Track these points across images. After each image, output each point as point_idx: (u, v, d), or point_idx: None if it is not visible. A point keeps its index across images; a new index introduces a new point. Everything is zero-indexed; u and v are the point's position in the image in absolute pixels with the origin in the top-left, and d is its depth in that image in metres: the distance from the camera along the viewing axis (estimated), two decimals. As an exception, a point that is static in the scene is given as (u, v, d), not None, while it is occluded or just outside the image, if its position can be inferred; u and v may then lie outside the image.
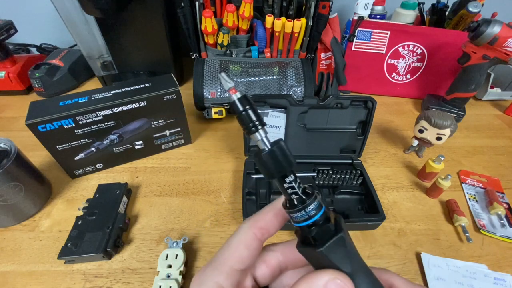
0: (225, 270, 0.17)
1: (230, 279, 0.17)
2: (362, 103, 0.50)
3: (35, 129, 0.43)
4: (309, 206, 0.16)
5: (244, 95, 0.16)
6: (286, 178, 0.16)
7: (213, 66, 0.63)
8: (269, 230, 0.19)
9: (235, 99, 0.16)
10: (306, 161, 0.54)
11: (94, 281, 0.38)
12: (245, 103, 0.16)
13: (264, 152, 0.16)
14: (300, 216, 0.16)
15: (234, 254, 0.18)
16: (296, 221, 0.17)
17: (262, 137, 0.16)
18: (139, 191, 0.50)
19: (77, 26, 0.64)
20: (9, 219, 0.44)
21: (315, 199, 0.17)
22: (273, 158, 0.16)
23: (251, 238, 0.18)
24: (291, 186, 0.17)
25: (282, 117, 0.52)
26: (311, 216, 0.16)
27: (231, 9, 0.59)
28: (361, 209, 0.48)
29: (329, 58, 0.73)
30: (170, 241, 0.40)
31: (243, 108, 0.16)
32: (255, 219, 0.19)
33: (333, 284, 0.15)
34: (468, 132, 0.67)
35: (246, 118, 0.16)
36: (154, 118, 0.52)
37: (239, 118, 0.16)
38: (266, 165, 0.16)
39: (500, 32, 0.53)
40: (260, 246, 0.19)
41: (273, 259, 0.20)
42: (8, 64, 0.72)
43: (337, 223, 0.17)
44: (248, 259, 0.18)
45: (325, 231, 0.16)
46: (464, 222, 0.44)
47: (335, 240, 0.15)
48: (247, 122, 0.16)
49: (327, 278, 0.15)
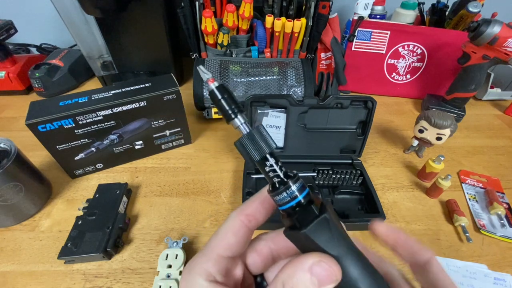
0: (213, 257, 0.18)
1: (217, 265, 0.17)
2: (362, 103, 0.50)
3: (35, 129, 0.43)
4: (291, 187, 0.17)
5: (222, 84, 0.17)
6: (267, 161, 0.17)
7: (213, 66, 0.63)
8: (256, 216, 0.19)
9: (213, 87, 0.17)
10: (306, 161, 0.54)
11: (94, 281, 0.38)
12: (223, 91, 0.17)
13: (244, 134, 0.17)
14: (283, 198, 0.17)
15: (222, 241, 0.18)
16: (280, 204, 0.17)
17: (242, 122, 0.17)
18: (139, 191, 0.50)
19: (77, 26, 0.64)
20: (9, 219, 0.44)
21: (297, 181, 0.17)
22: (252, 140, 0.16)
23: (238, 225, 0.19)
24: (272, 169, 0.17)
25: (282, 117, 0.52)
26: (293, 198, 0.16)
27: (231, 9, 0.59)
28: (361, 209, 0.48)
29: (329, 58, 0.73)
30: (170, 241, 0.40)
31: (221, 96, 0.17)
32: (242, 207, 0.19)
33: (318, 267, 0.15)
34: (468, 132, 0.67)
35: (224, 105, 0.17)
36: (154, 118, 0.52)
37: (218, 105, 0.17)
38: (247, 148, 0.17)
39: (500, 32, 0.53)
40: (248, 233, 0.19)
41: (264, 248, 0.20)
42: (8, 64, 0.72)
43: (322, 205, 0.17)
44: (235, 246, 0.18)
45: (309, 213, 0.16)
46: (464, 222, 0.44)
47: (319, 221, 0.15)
48: (225, 109, 0.17)
49: (312, 261, 0.15)
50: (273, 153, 0.17)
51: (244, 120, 0.17)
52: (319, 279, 0.15)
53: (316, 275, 0.15)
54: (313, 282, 0.14)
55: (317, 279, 0.15)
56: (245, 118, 0.17)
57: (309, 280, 0.15)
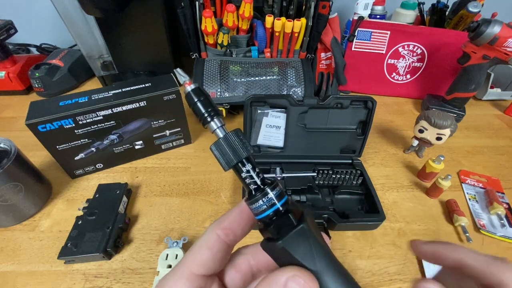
0: (185, 275, 0.16)
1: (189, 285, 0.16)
2: (362, 103, 0.50)
3: (35, 129, 0.43)
4: (269, 194, 0.16)
5: (198, 87, 0.17)
6: (244, 167, 0.16)
7: (213, 66, 0.63)
8: (233, 230, 0.18)
9: (189, 90, 0.16)
10: (306, 161, 0.54)
11: (94, 281, 0.38)
12: (199, 94, 0.16)
13: (220, 138, 0.16)
14: (260, 206, 0.16)
15: (196, 257, 0.17)
16: (257, 213, 0.16)
17: (218, 126, 0.16)
18: (139, 191, 0.50)
19: (77, 26, 0.64)
20: (9, 219, 0.44)
21: (275, 188, 0.16)
22: (228, 144, 0.16)
23: (214, 239, 0.17)
24: (249, 174, 0.16)
25: (282, 117, 0.52)
26: (270, 206, 0.16)
27: (231, 9, 0.59)
28: (361, 209, 0.48)
29: (329, 58, 0.73)
30: (170, 241, 0.40)
31: (197, 98, 0.16)
32: (219, 220, 0.18)
33: (293, 282, 0.13)
34: (468, 132, 0.67)
35: (201, 107, 0.16)
36: (154, 118, 0.52)
37: (193, 108, 0.17)
38: (223, 151, 0.16)
39: (500, 32, 0.53)
40: (225, 248, 0.17)
41: (244, 263, 0.19)
42: (8, 64, 0.72)
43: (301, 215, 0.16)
44: (211, 263, 0.17)
45: (286, 223, 0.15)
46: (464, 222, 0.44)
47: (296, 231, 0.14)
48: (201, 112, 0.16)
49: (287, 275, 0.14)
50: (249, 158, 0.16)
51: (221, 123, 0.16)
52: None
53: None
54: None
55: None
56: (221, 122, 0.16)
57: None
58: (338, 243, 0.43)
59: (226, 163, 0.16)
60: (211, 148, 0.16)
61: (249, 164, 0.16)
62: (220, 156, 0.16)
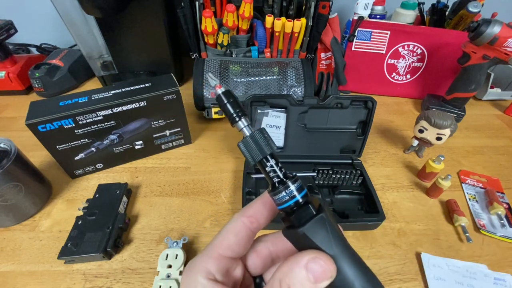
0: (214, 256, 0.18)
1: (218, 265, 0.18)
2: (362, 103, 0.50)
3: (35, 129, 0.43)
4: (290, 187, 0.17)
5: (228, 90, 0.19)
6: (268, 162, 0.18)
7: (213, 66, 0.63)
8: (257, 218, 0.19)
9: (220, 92, 0.18)
10: (306, 161, 0.54)
11: (94, 281, 0.38)
12: (229, 96, 0.18)
13: (247, 136, 0.18)
14: (282, 197, 0.17)
15: (223, 241, 0.19)
16: (279, 203, 0.18)
17: (245, 125, 0.18)
18: (139, 191, 0.50)
19: (77, 26, 0.64)
20: (9, 219, 0.44)
21: (296, 181, 0.18)
22: (255, 141, 0.18)
23: (239, 226, 0.19)
24: (272, 169, 0.18)
25: (282, 117, 0.52)
26: (292, 197, 0.17)
27: (231, 9, 0.59)
28: (361, 209, 0.48)
29: (329, 58, 0.73)
30: (170, 241, 0.40)
31: (227, 100, 0.18)
32: (244, 209, 0.20)
33: (313, 263, 0.15)
34: (468, 132, 0.67)
35: (230, 108, 0.18)
36: (154, 118, 0.52)
37: (224, 109, 0.18)
38: (249, 148, 0.18)
39: (500, 32, 0.53)
40: (249, 234, 0.19)
41: (264, 249, 0.21)
42: (8, 64, 0.72)
43: (319, 205, 0.17)
44: (236, 247, 0.19)
45: (307, 212, 0.17)
46: (464, 222, 0.44)
47: (316, 219, 0.16)
48: (230, 112, 0.18)
49: (307, 258, 0.15)
50: (273, 154, 0.18)
51: (248, 123, 0.18)
52: (315, 275, 0.15)
53: (312, 271, 0.15)
54: (309, 279, 0.15)
55: (313, 275, 0.15)
56: (248, 121, 0.18)
57: (305, 277, 0.15)
58: (338, 243, 0.43)
59: (252, 158, 0.18)
60: (238, 145, 0.18)
61: (273, 159, 0.18)
62: (247, 152, 0.18)
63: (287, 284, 0.15)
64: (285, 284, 0.15)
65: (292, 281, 0.15)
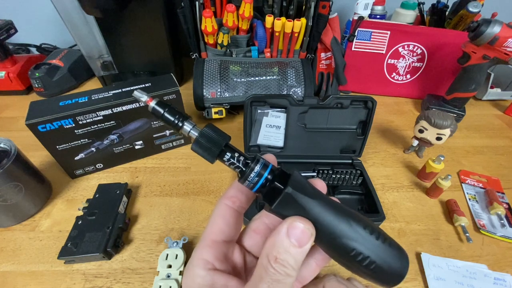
0: (208, 244, 0.18)
1: (213, 251, 0.18)
2: (362, 103, 0.50)
3: (35, 129, 0.43)
4: (252, 172, 0.18)
5: (159, 100, 0.18)
6: (224, 156, 0.18)
7: (213, 66, 0.63)
8: (238, 197, 0.20)
9: (153, 105, 0.18)
10: (306, 161, 0.54)
11: (94, 281, 0.38)
12: (163, 106, 0.18)
13: (197, 137, 0.18)
14: (250, 181, 0.18)
15: (213, 227, 0.19)
16: (251, 187, 0.18)
17: (190, 128, 0.18)
18: (139, 191, 0.50)
19: (77, 26, 0.64)
20: (9, 219, 0.44)
21: (257, 163, 0.18)
22: (206, 139, 0.17)
23: (224, 208, 0.19)
24: (231, 162, 0.18)
25: (282, 117, 0.52)
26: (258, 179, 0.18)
27: (231, 9, 0.59)
28: (361, 209, 0.48)
29: (329, 58, 0.73)
30: (170, 241, 0.40)
31: (163, 110, 0.18)
32: (225, 193, 0.21)
33: (292, 229, 0.16)
34: (468, 132, 0.67)
35: (169, 117, 0.18)
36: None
37: (163, 119, 0.18)
38: (203, 148, 0.18)
39: (500, 32, 0.53)
40: (235, 214, 0.20)
41: (260, 225, 0.21)
42: (8, 64, 0.72)
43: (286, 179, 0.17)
44: (227, 228, 0.19)
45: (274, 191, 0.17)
46: (464, 222, 0.44)
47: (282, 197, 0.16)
48: (171, 120, 0.18)
49: (286, 225, 0.16)
50: (228, 145, 0.18)
51: (192, 125, 0.18)
52: (297, 239, 0.15)
53: (293, 236, 0.15)
54: (293, 244, 0.15)
55: (295, 239, 0.15)
56: (192, 123, 0.18)
57: (289, 243, 0.15)
58: (338, 243, 0.43)
59: (210, 157, 0.18)
60: (192, 149, 0.18)
61: (228, 152, 0.18)
62: (203, 153, 0.18)
63: (273, 256, 0.15)
64: (272, 257, 0.15)
65: (277, 251, 0.15)
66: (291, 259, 0.15)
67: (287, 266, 0.15)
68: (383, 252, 0.17)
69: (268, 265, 0.15)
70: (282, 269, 0.15)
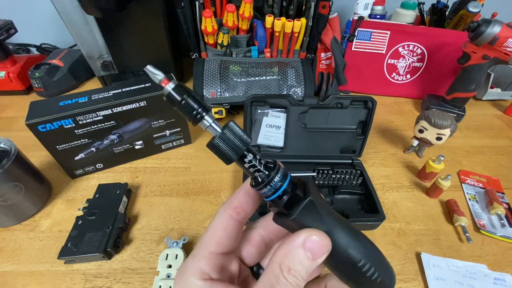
0: (205, 255, 0.18)
1: (211, 263, 0.17)
2: (362, 103, 0.50)
3: (35, 129, 0.43)
4: (274, 179, 0.16)
5: (179, 84, 0.15)
6: (245, 158, 0.16)
7: (213, 66, 0.63)
8: (243, 208, 0.19)
9: (169, 90, 0.15)
10: (306, 161, 0.54)
11: (94, 281, 0.38)
12: (182, 91, 0.15)
13: (216, 136, 0.15)
14: (268, 190, 0.17)
15: (213, 238, 0.18)
16: (266, 196, 0.17)
17: (210, 122, 0.15)
18: (139, 191, 0.50)
19: (77, 26, 0.64)
20: (9, 219, 0.44)
21: (278, 171, 0.17)
22: (226, 141, 0.15)
23: (226, 219, 0.19)
24: (251, 164, 0.16)
25: (282, 117, 0.52)
26: (277, 188, 0.17)
27: (231, 9, 0.59)
28: (361, 209, 0.48)
29: (329, 58, 0.73)
30: (170, 241, 0.40)
31: (181, 97, 0.15)
32: (229, 200, 0.19)
33: (310, 241, 0.15)
34: (468, 132, 0.67)
35: (187, 107, 0.15)
36: (154, 118, 0.52)
37: (181, 108, 0.15)
38: (222, 149, 0.15)
39: (500, 32, 0.53)
40: (238, 226, 0.19)
41: (256, 236, 0.20)
42: (8, 64, 0.72)
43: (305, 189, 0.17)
44: (227, 241, 0.18)
45: (295, 199, 0.16)
46: (464, 222, 0.44)
47: (305, 205, 0.16)
48: (189, 111, 0.15)
49: (303, 237, 0.15)
50: (249, 148, 0.16)
51: (213, 119, 0.16)
52: (313, 252, 0.15)
53: (309, 249, 0.15)
54: (308, 257, 0.15)
55: (311, 252, 0.15)
56: (212, 117, 0.16)
57: (304, 255, 0.15)
58: (338, 243, 0.43)
59: (227, 159, 0.16)
60: (208, 146, 0.16)
61: (250, 154, 0.16)
62: (219, 153, 0.16)
63: (287, 266, 0.15)
64: (285, 266, 0.15)
65: (291, 262, 0.15)
66: (303, 271, 0.15)
67: (298, 277, 0.15)
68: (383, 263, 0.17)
69: (280, 274, 0.15)
70: (293, 280, 0.15)
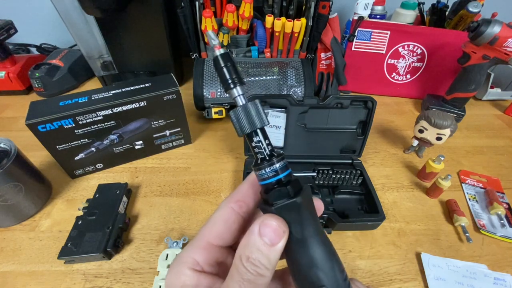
0: (202, 245, 0.17)
1: (206, 254, 0.17)
2: (362, 103, 0.50)
3: (35, 129, 0.43)
4: (274, 164, 0.17)
5: (227, 53, 0.17)
6: (256, 136, 0.17)
7: (213, 66, 0.63)
8: (246, 202, 0.19)
9: (217, 54, 0.17)
10: (306, 161, 0.54)
11: (94, 281, 0.38)
12: (227, 59, 0.17)
13: (240, 106, 0.17)
14: (265, 173, 0.17)
15: (212, 230, 0.18)
16: (261, 179, 0.17)
17: (240, 93, 0.17)
18: (139, 191, 0.50)
19: (77, 26, 0.64)
20: (9, 219, 0.44)
21: (281, 160, 0.17)
22: (247, 112, 0.17)
23: (228, 212, 0.18)
24: (259, 144, 0.17)
25: (282, 117, 0.52)
26: (273, 175, 0.17)
27: (231, 9, 0.59)
28: (361, 209, 0.48)
29: (329, 58, 0.73)
30: (170, 241, 0.40)
31: (224, 63, 0.17)
32: (232, 194, 0.19)
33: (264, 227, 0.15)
34: (468, 132, 0.67)
35: (226, 73, 0.17)
36: (154, 118, 0.52)
37: (220, 72, 0.17)
38: (240, 118, 0.17)
39: (500, 32, 0.53)
40: (239, 219, 0.18)
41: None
42: (8, 64, 0.72)
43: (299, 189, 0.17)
44: (226, 234, 0.18)
45: (283, 193, 0.17)
46: (464, 222, 0.44)
47: (289, 203, 0.16)
48: (226, 77, 0.17)
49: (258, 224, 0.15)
50: (263, 129, 0.17)
51: (242, 92, 0.17)
52: (269, 238, 0.15)
53: (265, 235, 0.15)
54: (265, 243, 0.15)
55: (268, 238, 0.15)
56: (243, 90, 0.17)
57: (261, 243, 0.15)
58: (338, 243, 0.43)
59: (240, 129, 0.17)
60: (230, 113, 0.17)
61: (262, 134, 0.17)
62: (236, 122, 0.17)
63: (246, 256, 0.15)
64: (245, 257, 0.15)
65: (250, 251, 0.15)
66: (263, 258, 0.15)
67: (259, 265, 0.15)
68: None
69: (240, 264, 0.15)
70: (253, 268, 0.15)
